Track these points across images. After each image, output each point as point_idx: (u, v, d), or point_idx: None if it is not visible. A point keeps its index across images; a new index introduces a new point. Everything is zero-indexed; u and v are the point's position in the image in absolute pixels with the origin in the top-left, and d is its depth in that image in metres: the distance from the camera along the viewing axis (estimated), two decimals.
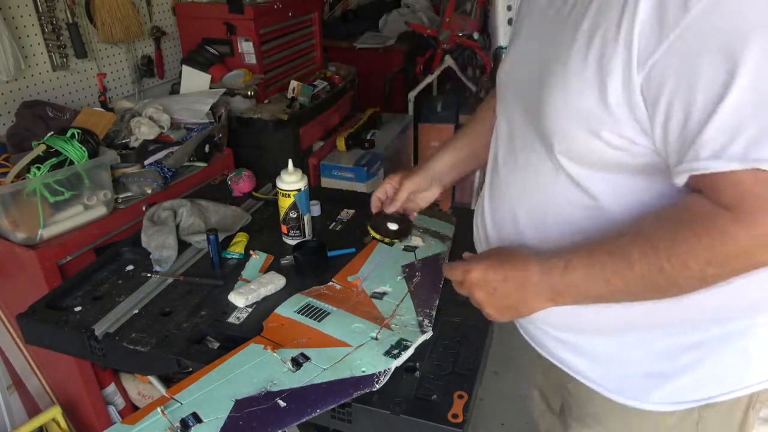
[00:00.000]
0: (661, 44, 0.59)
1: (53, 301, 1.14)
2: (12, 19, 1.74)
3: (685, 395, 0.78)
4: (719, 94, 0.55)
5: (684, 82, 0.58)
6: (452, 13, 3.15)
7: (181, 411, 0.84)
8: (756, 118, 0.54)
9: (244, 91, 2.25)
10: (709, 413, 0.80)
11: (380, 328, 0.99)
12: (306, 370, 0.91)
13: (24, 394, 1.81)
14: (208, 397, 0.86)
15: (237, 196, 1.56)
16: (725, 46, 0.55)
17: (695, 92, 0.57)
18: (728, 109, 0.55)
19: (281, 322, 1.03)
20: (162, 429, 0.81)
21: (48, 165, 1.43)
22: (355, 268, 1.19)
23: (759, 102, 0.54)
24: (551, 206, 0.78)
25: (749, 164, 0.55)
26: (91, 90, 2.04)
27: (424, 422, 0.83)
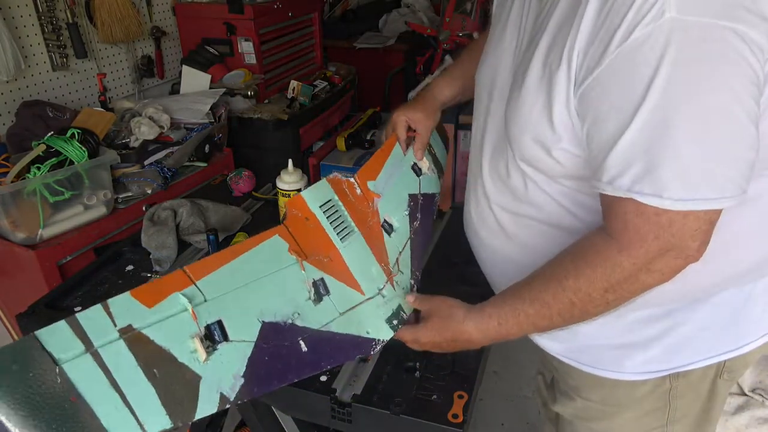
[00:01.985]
0: (593, 71, 0.63)
1: (53, 301, 1.13)
2: (12, 19, 1.74)
3: (655, 365, 0.83)
4: (622, 127, 0.61)
5: (603, 108, 0.63)
6: (452, 13, 3.15)
7: (205, 311, 0.73)
8: (644, 155, 0.60)
9: (244, 91, 2.25)
10: (680, 383, 0.84)
11: (386, 282, 0.92)
12: (325, 308, 0.83)
13: None
14: (234, 302, 0.76)
15: (237, 196, 1.56)
16: (636, 83, 0.60)
17: (608, 120, 0.63)
18: (625, 143, 0.61)
19: (306, 214, 0.88)
20: (187, 329, 0.71)
21: (48, 165, 1.43)
22: (375, 169, 1.09)
23: (649, 141, 0.60)
24: (525, 205, 0.83)
25: (630, 194, 0.61)
26: (91, 90, 2.04)
27: (424, 422, 0.83)
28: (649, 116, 0.59)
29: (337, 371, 0.92)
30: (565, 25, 0.68)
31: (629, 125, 0.60)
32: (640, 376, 0.84)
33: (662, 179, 0.59)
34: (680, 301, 0.80)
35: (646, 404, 0.87)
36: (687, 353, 0.82)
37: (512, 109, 0.77)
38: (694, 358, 0.82)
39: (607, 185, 0.64)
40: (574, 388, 0.94)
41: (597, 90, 0.63)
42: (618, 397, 0.88)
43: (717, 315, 0.80)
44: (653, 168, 0.60)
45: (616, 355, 0.84)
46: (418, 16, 3.64)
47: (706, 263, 0.69)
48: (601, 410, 0.91)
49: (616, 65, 0.61)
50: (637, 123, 0.60)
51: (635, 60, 0.59)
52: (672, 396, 0.86)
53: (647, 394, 0.86)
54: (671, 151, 0.59)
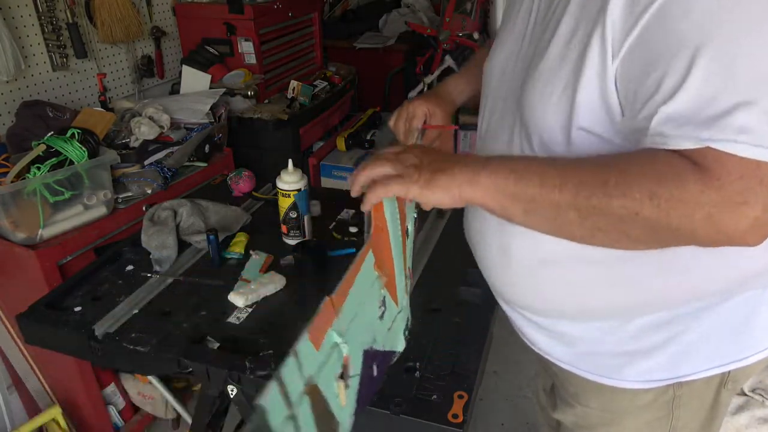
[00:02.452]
0: (632, 32, 0.60)
1: (53, 301, 1.14)
2: (12, 19, 1.74)
3: (657, 373, 0.81)
4: (682, 76, 0.56)
5: (653, 60, 0.59)
6: (452, 13, 3.15)
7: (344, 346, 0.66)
8: (714, 101, 0.55)
9: (244, 91, 2.25)
10: (683, 392, 0.83)
11: (406, 291, 0.88)
12: (384, 325, 0.78)
13: (24, 394, 1.81)
14: (352, 332, 0.68)
15: (237, 196, 1.56)
16: (688, 26, 0.56)
17: (661, 71, 0.58)
18: (690, 91, 0.56)
19: (382, 226, 0.77)
20: (334, 370, 0.65)
21: (48, 165, 1.43)
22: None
23: (715, 86, 0.55)
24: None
25: (706, 143, 0.55)
26: (91, 90, 2.04)
27: (424, 422, 0.83)
28: (712, 57, 0.55)
29: None
30: (589, 5, 0.66)
31: (690, 72, 0.56)
32: (642, 384, 0.82)
33: (737, 123, 0.54)
34: (685, 305, 0.78)
35: (648, 413, 0.85)
36: (691, 362, 0.80)
37: (531, 93, 0.74)
38: (698, 368, 0.80)
39: (678, 138, 0.57)
40: (573, 395, 0.92)
41: (643, 46, 0.60)
42: (618, 405, 0.87)
43: (722, 324, 0.79)
44: (727, 113, 0.54)
45: (617, 363, 0.82)
46: (418, 16, 3.64)
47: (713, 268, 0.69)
48: (600, 417, 0.90)
49: (661, 12, 0.58)
50: (699, 68, 0.55)
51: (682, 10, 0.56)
52: (675, 405, 0.84)
53: (649, 402, 0.84)
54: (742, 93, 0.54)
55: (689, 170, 0.56)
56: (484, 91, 0.94)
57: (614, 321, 0.81)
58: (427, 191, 0.68)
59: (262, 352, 0.97)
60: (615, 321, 0.81)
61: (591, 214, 0.61)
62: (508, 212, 0.67)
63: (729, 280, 0.77)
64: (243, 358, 0.95)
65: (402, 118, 1.07)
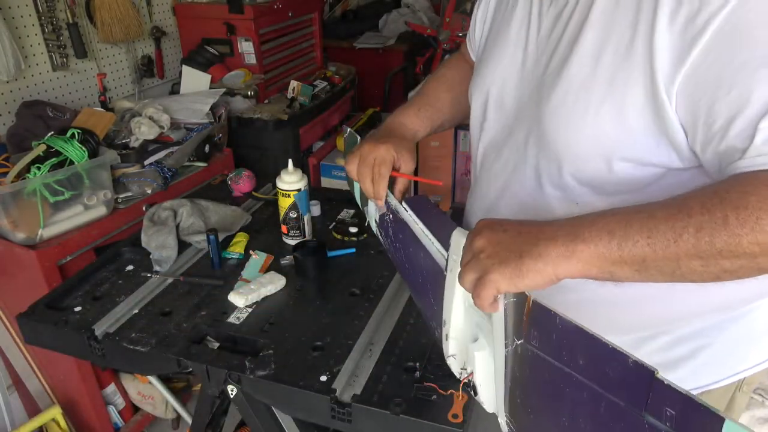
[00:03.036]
0: (695, 45, 0.57)
1: (53, 301, 1.13)
2: (12, 19, 1.74)
3: (682, 385, 0.79)
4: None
5: (726, 77, 0.56)
6: (452, 13, 3.15)
7: None
8: None
9: (244, 91, 2.25)
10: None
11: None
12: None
13: (24, 394, 1.81)
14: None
15: (237, 196, 1.56)
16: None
17: (748, 94, 0.55)
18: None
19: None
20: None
21: (48, 165, 1.43)
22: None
23: None
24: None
25: None
26: (91, 90, 2.04)
27: (424, 422, 0.83)
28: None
29: (337, 371, 0.92)
30: (620, 12, 0.63)
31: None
32: None
33: None
34: (712, 317, 0.76)
35: None
36: (714, 373, 0.80)
37: (555, 118, 0.70)
38: (719, 377, 0.80)
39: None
40: None
41: (714, 59, 0.57)
42: None
43: (744, 333, 0.78)
44: None
45: None
46: (418, 16, 3.64)
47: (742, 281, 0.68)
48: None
49: (731, 20, 0.55)
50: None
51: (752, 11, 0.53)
52: None
53: None
54: None
55: None
56: (479, 114, 0.90)
57: (644, 334, 0.80)
58: (518, 281, 0.60)
59: (262, 352, 0.97)
60: (645, 334, 0.80)
61: (717, 258, 0.54)
62: (616, 276, 0.59)
63: (754, 289, 0.75)
64: (243, 358, 0.95)
65: (366, 165, 0.91)
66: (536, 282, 0.60)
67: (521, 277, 0.60)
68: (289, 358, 0.96)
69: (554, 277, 0.60)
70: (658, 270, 0.57)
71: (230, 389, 0.97)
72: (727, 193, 0.54)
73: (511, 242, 0.62)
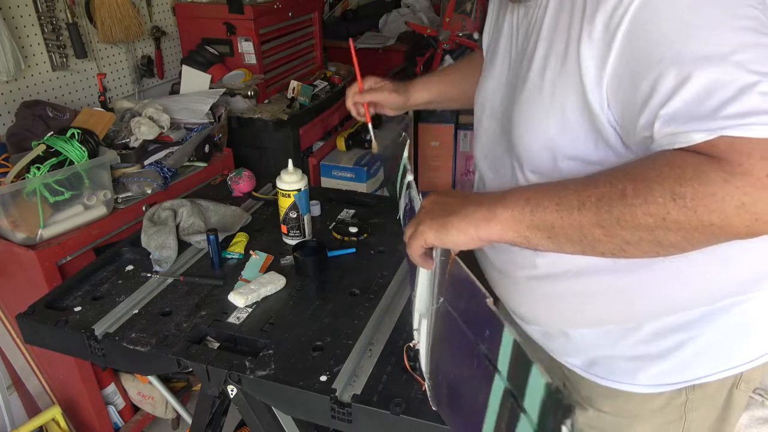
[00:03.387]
0: (611, 50, 0.63)
1: (53, 301, 1.14)
2: (12, 19, 1.74)
3: (670, 377, 0.81)
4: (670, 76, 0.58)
5: (641, 65, 0.61)
6: (452, 13, 3.15)
7: None
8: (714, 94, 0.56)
9: (244, 91, 2.25)
10: (696, 395, 0.83)
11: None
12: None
13: (24, 394, 1.81)
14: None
15: (237, 196, 1.56)
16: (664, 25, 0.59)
17: (648, 75, 0.59)
18: (691, 89, 0.57)
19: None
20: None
21: (48, 165, 1.43)
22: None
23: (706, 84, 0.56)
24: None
25: (720, 133, 0.55)
26: (91, 90, 2.04)
27: (424, 422, 0.83)
28: (700, 50, 0.56)
29: (337, 371, 0.92)
30: (559, 25, 0.70)
31: (682, 69, 0.57)
32: (654, 388, 0.82)
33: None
34: (698, 309, 0.78)
35: (660, 417, 0.85)
36: (703, 365, 0.80)
37: (516, 122, 0.78)
38: (711, 370, 0.80)
39: (686, 134, 0.56)
40: (586, 399, 0.92)
41: (627, 59, 0.62)
42: (632, 408, 0.86)
43: (735, 326, 0.79)
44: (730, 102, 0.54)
45: (630, 367, 0.82)
46: (418, 16, 3.63)
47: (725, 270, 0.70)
48: (614, 421, 0.89)
49: (636, 21, 0.60)
50: (690, 64, 0.56)
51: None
52: (687, 408, 0.84)
53: (662, 406, 0.84)
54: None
55: (706, 163, 0.54)
56: (478, 116, 0.97)
57: (627, 325, 0.81)
58: (442, 235, 0.68)
59: (262, 352, 0.97)
60: (628, 325, 0.81)
61: (617, 228, 0.58)
62: (532, 243, 0.65)
63: (741, 281, 0.77)
64: (243, 358, 0.96)
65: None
66: (459, 239, 0.67)
67: (446, 233, 0.68)
68: (289, 358, 0.96)
69: (475, 237, 0.67)
70: (566, 237, 0.62)
71: (230, 389, 0.97)
72: (633, 168, 0.59)
73: (447, 203, 0.71)
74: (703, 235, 0.56)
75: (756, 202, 0.53)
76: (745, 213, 0.53)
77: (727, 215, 0.54)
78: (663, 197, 0.55)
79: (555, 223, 0.62)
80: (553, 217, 0.62)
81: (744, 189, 0.53)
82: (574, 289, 0.81)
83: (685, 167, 0.55)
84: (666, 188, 0.55)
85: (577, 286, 0.80)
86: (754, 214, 0.53)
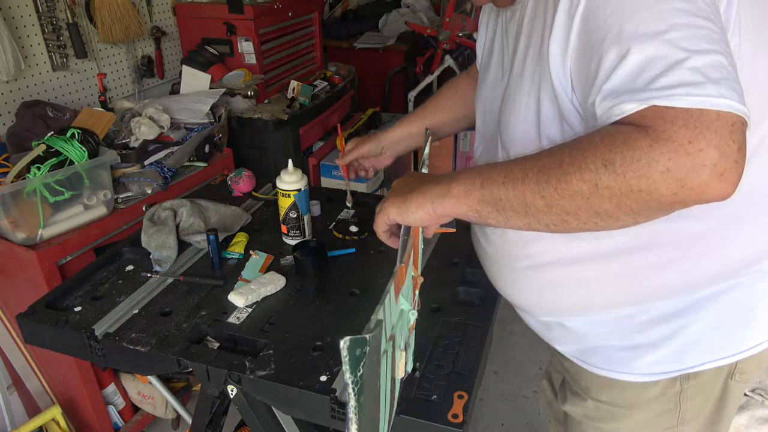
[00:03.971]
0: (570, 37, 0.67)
1: (53, 301, 1.13)
2: (12, 19, 1.74)
3: (665, 365, 0.82)
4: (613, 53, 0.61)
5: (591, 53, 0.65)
6: (452, 13, 3.16)
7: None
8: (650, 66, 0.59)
9: (244, 91, 2.25)
10: (690, 384, 0.84)
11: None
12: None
13: (24, 394, 1.81)
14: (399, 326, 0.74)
15: (237, 196, 1.56)
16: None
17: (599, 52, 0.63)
18: (630, 64, 0.60)
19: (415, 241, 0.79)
20: (404, 333, 0.77)
21: (48, 165, 1.43)
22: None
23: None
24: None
25: (650, 102, 0.58)
26: (91, 90, 2.04)
27: (424, 422, 0.83)
28: (634, 32, 0.60)
29: (337, 371, 0.92)
30: (536, 21, 0.74)
31: (619, 50, 0.60)
32: (649, 377, 0.83)
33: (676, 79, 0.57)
34: (691, 295, 0.79)
35: (656, 406, 0.87)
36: (698, 354, 0.81)
37: (504, 112, 0.82)
38: (705, 359, 0.81)
39: (619, 105, 0.59)
40: (584, 389, 0.94)
41: (581, 45, 0.66)
42: (628, 398, 0.88)
43: (728, 314, 0.80)
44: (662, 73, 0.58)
45: (625, 356, 0.84)
46: (418, 16, 3.64)
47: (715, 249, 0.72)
48: (610, 411, 0.91)
49: (586, 11, 0.64)
50: (625, 44, 0.60)
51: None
52: (682, 398, 0.85)
53: (657, 395, 0.85)
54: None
55: (635, 131, 0.57)
56: (478, 123, 1.01)
57: (621, 313, 0.82)
58: (402, 210, 0.74)
59: (262, 352, 0.97)
60: (622, 312, 0.82)
61: (555, 197, 0.62)
62: (482, 216, 0.69)
63: (729, 267, 0.78)
64: (243, 358, 0.96)
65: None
66: (418, 215, 0.73)
67: (406, 209, 0.73)
68: (289, 358, 0.96)
69: (432, 212, 0.72)
70: (512, 210, 0.66)
71: (230, 389, 0.97)
72: (573, 141, 0.62)
73: (411, 183, 0.75)
74: (635, 203, 0.58)
75: (680, 168, 0.55)
76: (670, 179, 0.55)
77: (654, 180, 0.56)
78: (594, 164, 0.58)
79: (502, 196, 0.66)
80: (500, 190, 0.66)
81: (668, 155, 0.55)
82: (566, 276, 0.82)
83: (616, 135, 0.58)
84: (597, 155, 0.58)
85: (569, 274, 0.81)
86: (679, 180, 0.55)
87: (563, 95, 0.70)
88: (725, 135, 0.54)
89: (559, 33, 0.68)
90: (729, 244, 0.76)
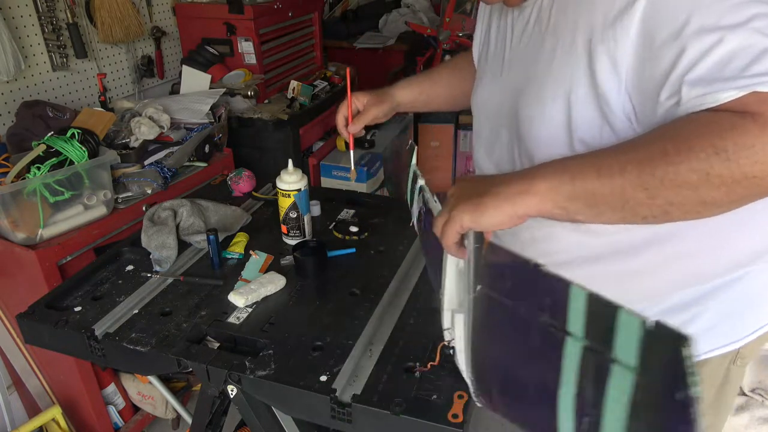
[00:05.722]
0: (626, 40, 0.66)
1: (53, 301, 1.13)
2: (12, 19, 1.74)
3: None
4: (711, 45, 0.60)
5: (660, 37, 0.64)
6: (452, 13, 3.16)
7: None
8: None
9: (244, 91, 2.25)
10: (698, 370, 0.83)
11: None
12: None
13: (24, 394, 1.81)
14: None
15: (237, 196, 1.56)
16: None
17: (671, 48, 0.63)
18: (721, 52, 0.60)
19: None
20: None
21: (48, 165, 1.43)
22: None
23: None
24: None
25: (749, 89, 0.57)
26: (91, 90, 2.04)
27: (424, 422, 0.83)
28: (715, 20, 0.60)
29: (337, 371, 0.92)
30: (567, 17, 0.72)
31: (702, 39, 0.60)
32: None
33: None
34: (704, 285, 0.80)
35: None
36: (709, 340, 0.82)
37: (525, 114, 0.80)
38: (715, 345, 0.82)
39: (714, 93, 0.58)
40: None
41: (644, 42, 0.65)
42: None
43: (737, 300, 0.81)
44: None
45: None
46: (418, 16, 3.63)
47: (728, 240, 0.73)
48: None
49: (650, 9, 0.64)
50: (709, 32, 0.60)
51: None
52: None
53: None
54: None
55: (739, 118, 0.56)
56: (478, 119, 0.99)
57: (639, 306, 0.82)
58: (478, 216, 0.65)
59: (262, 352, 0.97)
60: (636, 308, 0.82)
61: (661, 189, 0.58)
62: (571, 213, 0.64)
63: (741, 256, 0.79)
64: (243, 358, 0.96)
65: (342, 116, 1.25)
66: (496, 218, 0.65)
67: (481, 213, 0.65)
68: (289, 358, 0.96)
69: (513, 213, 0.64)
70: (607, 205, 0.62)
71: (230, 389, 0.97)
72: (666, 131, 0.60)
73: (477, 185, 0.68)
74: (745, 189, 0.56)
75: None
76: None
77: (764, 170, 0.55)
78: (705, 152, 0.56)
79: (596, 191, 0.61)
80: (594, 185, 0.61)
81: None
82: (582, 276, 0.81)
83: (721, 122, 0.56)
84: (706, 143, 0.56)
85: (585, 273, 0.81)
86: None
87: (612, 97, 0.69)
88: None
89: (609, 35, 0.66)
90: (742, 237, 0.77)
